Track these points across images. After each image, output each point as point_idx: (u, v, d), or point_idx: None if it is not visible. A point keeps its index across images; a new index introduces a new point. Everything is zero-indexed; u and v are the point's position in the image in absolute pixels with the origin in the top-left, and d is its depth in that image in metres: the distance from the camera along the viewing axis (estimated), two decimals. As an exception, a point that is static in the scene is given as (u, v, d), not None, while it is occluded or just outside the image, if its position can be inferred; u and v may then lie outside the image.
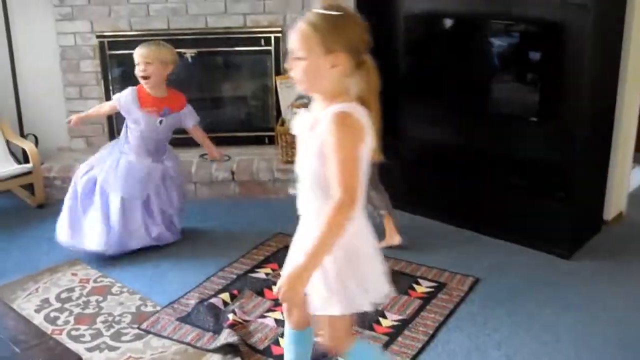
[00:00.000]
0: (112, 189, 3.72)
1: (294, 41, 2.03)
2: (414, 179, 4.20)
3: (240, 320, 3.08)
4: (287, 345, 2.48)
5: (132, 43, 3.94)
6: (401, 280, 3.43)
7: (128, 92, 3.75)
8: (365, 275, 2.14)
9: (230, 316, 3.10)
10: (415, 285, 3.40)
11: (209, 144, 3.98)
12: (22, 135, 4.79)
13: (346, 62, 2.02)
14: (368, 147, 2.05)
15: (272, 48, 4.70)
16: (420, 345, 2.94)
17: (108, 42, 4.67)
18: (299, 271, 1.97)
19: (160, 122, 3.76)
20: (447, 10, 4.12)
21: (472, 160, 4.11)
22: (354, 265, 2.11)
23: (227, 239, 3.97)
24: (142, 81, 3.72)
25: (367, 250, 2.16)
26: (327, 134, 1.99)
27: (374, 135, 2.06)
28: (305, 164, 2.13)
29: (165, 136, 3.86)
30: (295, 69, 2.05)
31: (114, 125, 4.83)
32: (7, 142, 4.59)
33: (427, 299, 3.29)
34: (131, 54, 3.72)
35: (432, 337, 3.01)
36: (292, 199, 2.21)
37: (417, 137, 4.45)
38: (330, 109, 2.02)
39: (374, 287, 2.17)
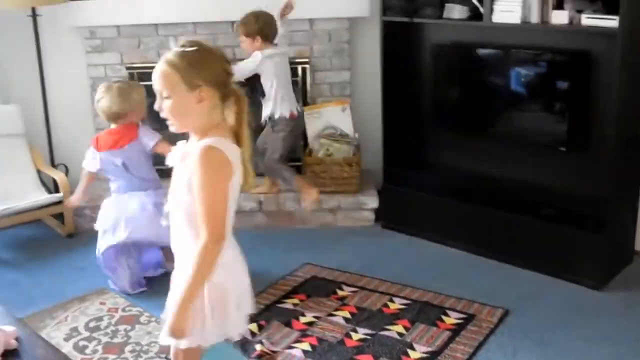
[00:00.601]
0: None
1: (157, 83, 2.06)
2: (442, 208, 4.18)
3: (267, 351, 3.07)
4: None
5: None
6: (430, 312, 3.41)
7: None
8: (227, 313, 2.15)
9: (258, 347, 3.09)
10: (443, 317, 3.37)
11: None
12: (53, 165, 4.85)
13: (212, 95, 2.05)
14: (236, 180, 2.07)
15: (299, 79, 4.72)
16: (449, 378, 2.91)
17: (137, 73, 4.73)
18: (178, 312, 2.04)
19: None
20: (475, 40, 4.13)
21: (500, 190, 4.08)
22: (218, 303, 2.12)
23: (254, 269, 3.93)
24: None
25: (233, 287, 2.17)
26: (193, 168, 2.01)
27: (242, 167, 2.09)
28: (174, 197, 2.15)
29: None
30: (164, 110, 2.07)
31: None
32: (39, 172, 4.65)
33: (456, 330, 3.25)
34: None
35: (462, 369, 2.98)
36: (323, 229, 2.20)
37: (444, 167, 4.43)
38: (200, 143, 2.04)
39: (234, 324, 2.20)
